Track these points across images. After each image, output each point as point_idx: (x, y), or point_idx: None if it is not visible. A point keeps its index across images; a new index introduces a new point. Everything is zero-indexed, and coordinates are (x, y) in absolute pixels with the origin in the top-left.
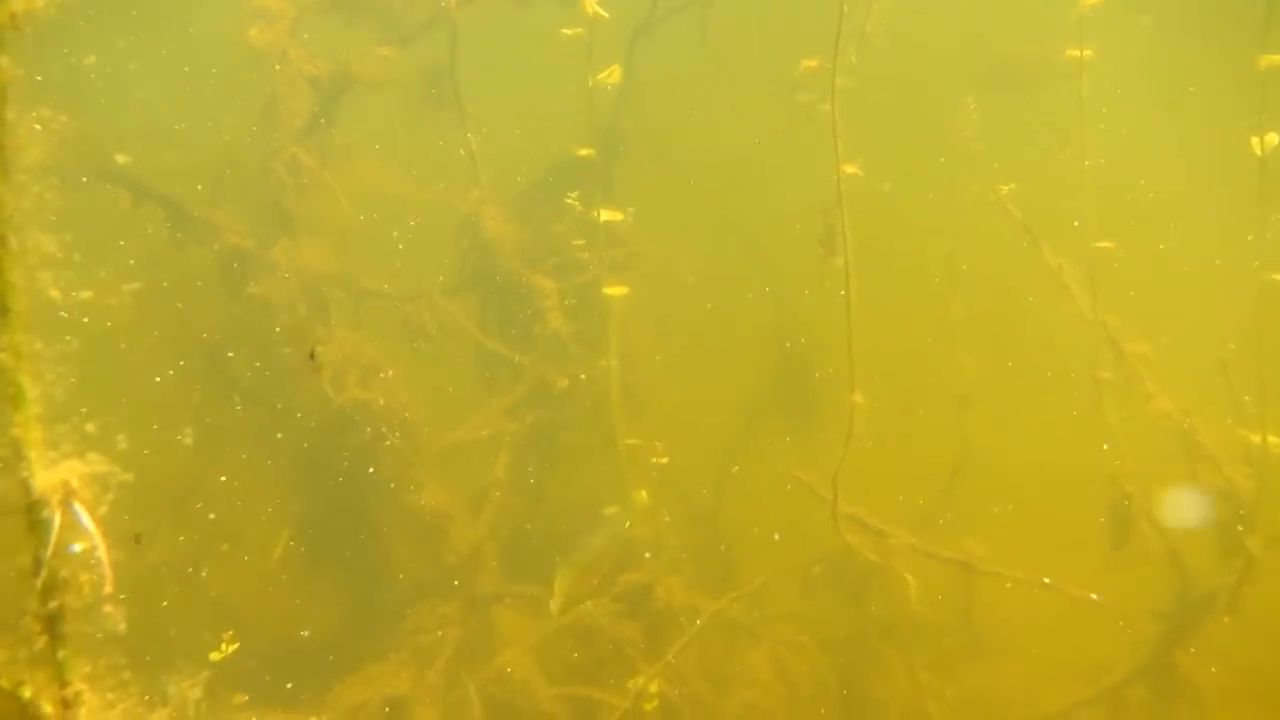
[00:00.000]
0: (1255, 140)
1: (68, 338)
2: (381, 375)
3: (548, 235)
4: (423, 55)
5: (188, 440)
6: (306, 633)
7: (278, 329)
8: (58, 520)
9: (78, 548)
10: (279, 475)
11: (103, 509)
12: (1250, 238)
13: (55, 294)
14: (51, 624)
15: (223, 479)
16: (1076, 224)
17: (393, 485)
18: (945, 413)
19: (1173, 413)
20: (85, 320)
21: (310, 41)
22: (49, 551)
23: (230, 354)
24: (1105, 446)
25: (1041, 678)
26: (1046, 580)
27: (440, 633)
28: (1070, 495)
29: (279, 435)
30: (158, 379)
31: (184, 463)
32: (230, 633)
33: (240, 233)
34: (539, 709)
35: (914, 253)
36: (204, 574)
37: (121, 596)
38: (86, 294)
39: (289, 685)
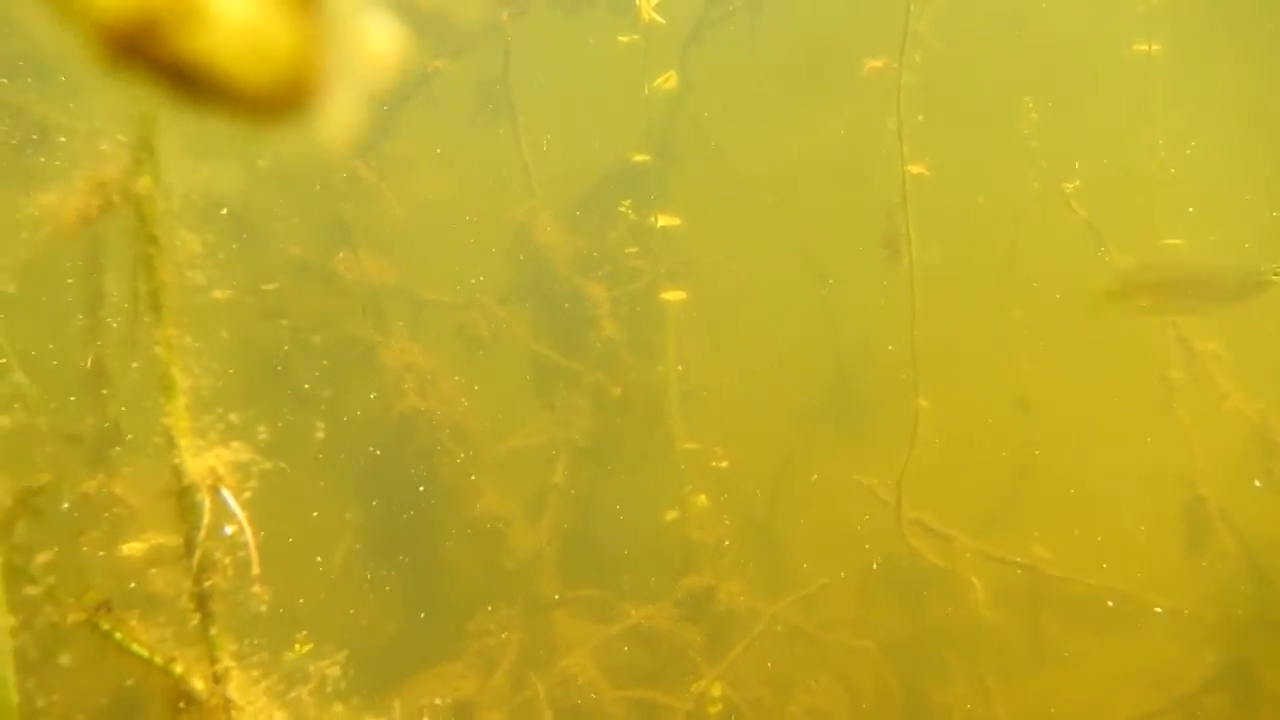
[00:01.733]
0: None
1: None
2: (440, 383)
3: (602, 243)
4: (477, 66)
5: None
6: (374, 636)
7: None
8: (208, 505)
9: (229, 530)
10: (342, 482)
11: (246, 494)
12: None
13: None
14: (203, 603)
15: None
16: (1144, 220)
17: (453, 492)
18: (1009, 415)
19: (1247, 411)
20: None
21: None
22: (202, 534)
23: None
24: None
25: (1112, 686)
26: (1114, 586)
27: (504, 635)
28: (1142, 498)
29: (342, 443)
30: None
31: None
32: (304, 633)
33: (301, 245)
34: (603, 711)
35: (977, 253)
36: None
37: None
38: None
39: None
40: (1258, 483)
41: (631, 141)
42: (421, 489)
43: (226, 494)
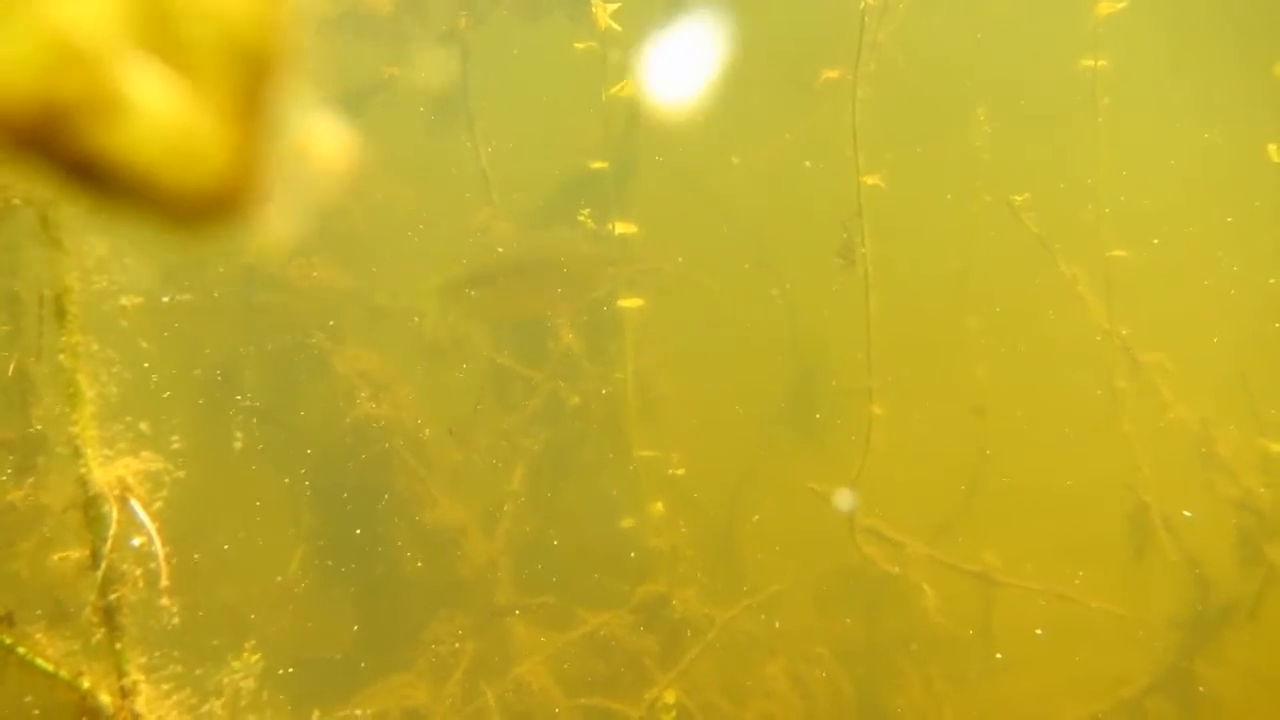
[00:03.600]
0: (1273, 148)
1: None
2: (395, 390)
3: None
4: (434, 73)
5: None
6: (326, 646)
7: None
8: (115, 516)
9: (136, 542)
10: (293, 491)
11: (157, 505)
12: (1267, 248)
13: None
14: (110, 616)
15: (257, 504)
16: (1090, 233)
17: (407, 500)
18: (962, 423)
19: (1190, 422)
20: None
21: (319, 61)
22: (108, 546)
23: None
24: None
25: (1060, 688)
26: (1063, 592)
27: (458, 644)
28: (1088, 505)
29: (292, 451)
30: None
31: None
32: (252, 642)
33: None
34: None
35: (931, 263)
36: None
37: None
38: (137, 299)
39: (311, 692)
40: (1187, 513)
41: (590, 149)
42: (375, 497)
43: (135, 505)
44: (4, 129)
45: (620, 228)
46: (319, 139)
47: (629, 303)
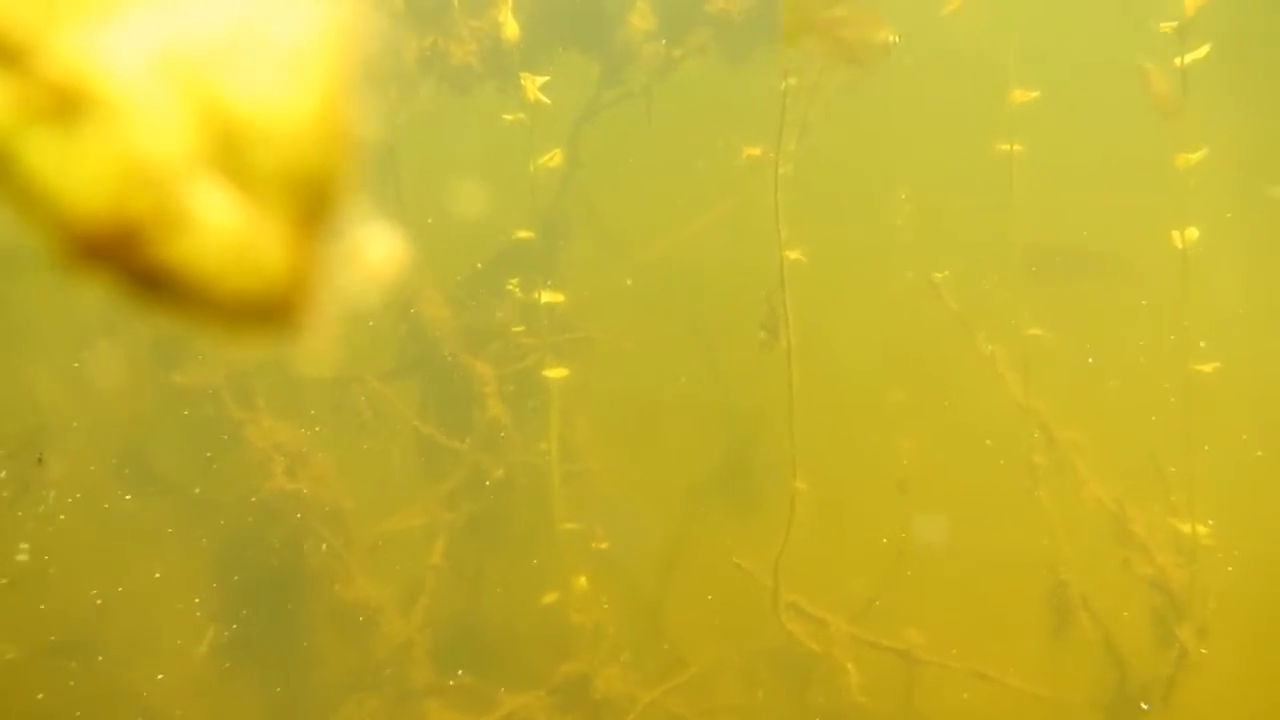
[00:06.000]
0: (1176, 234)
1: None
2: (313, 463)
3: (488, 321)
4: (362, 143)
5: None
6: None
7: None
8: None
9: None
10: (202, 568)
11: None
12: (1172, 334)
13: None
14: None
15: (157, 575)
16: (1008, 311)
17: (323, 576)
18: (885, 498)
19: (1105, 499)
20: None
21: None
22: None
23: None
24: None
25: None
26: (984, 672)
27: None
28: (1009, 582)
29: (202, 524)
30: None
31: (102, 553)
32: None
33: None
34: None
35: (855, 337)
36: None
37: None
38: None
39: None
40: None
41: (519, 219)
42: (289, 573)
43: None
44: (78, 243)
45: (547, 296)
46: (368, 248)
47: (554, 372)
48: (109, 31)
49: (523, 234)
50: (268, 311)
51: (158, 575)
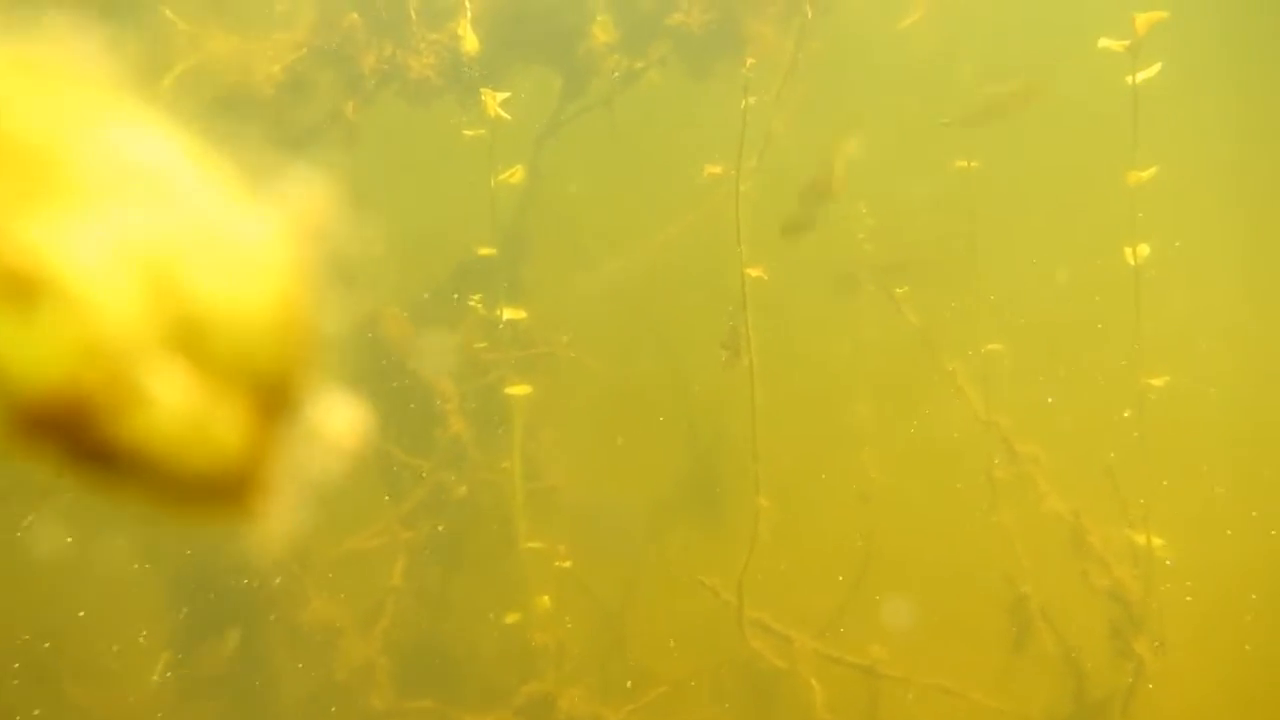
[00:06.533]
0: (1128, 251)
1: None
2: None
3: (450, 337)
4: (317, 158)
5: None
6: None
7: None
8: None
9: None
10: (156, 591)
11: None
12: (1126, 349)
13: None
14: None
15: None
16: (969, 325)
17: (281, 598)
18: (848, 511)
19: (1063, 512)
20: None
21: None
22: None
23: None
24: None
25: None
26: (946, 686)
27: None
28: (970, 595)
29: (158, 548)
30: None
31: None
32: None
33: None
34: None
35: (816, 355)
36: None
37: None
38: None
39: None
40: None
41: (481, 235)
42: (246, 596)
43: None
44: (28, 419)
45: (509, 313)
46: (329, 419)
47: (517, 389)
48: (70, 220)
49: (484, 250)
50: (223, 491)
51: (111, 599)
